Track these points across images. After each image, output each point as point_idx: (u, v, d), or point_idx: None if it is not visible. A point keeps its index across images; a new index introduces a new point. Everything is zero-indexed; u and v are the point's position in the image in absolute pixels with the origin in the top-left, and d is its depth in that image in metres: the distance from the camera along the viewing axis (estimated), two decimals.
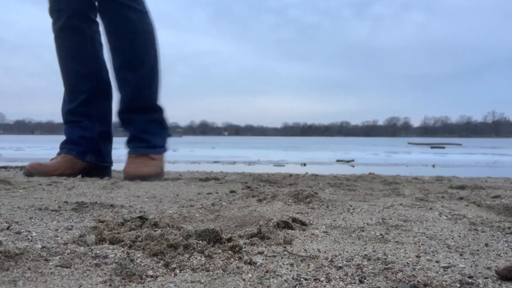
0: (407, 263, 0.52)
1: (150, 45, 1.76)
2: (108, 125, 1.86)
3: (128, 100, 1.76)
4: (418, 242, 0.63)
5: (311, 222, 0.77)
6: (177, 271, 0.48)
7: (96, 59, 1.79)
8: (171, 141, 1.94)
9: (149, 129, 1.78)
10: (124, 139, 1.83)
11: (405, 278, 0.46)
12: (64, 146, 1.76)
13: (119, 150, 2.01)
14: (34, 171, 1.63)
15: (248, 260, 0.52)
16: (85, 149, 1.75)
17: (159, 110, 1.82)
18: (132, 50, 1.72)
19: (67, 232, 0.65)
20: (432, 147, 12.42)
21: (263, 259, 0.53)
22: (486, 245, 0.62)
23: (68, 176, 1.63)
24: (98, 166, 1.80)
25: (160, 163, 1.76)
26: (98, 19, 1.80)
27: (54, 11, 1.73)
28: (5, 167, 2.16)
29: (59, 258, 0.49)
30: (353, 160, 5.42)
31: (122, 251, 0.52)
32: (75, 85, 1.77)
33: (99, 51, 1.81)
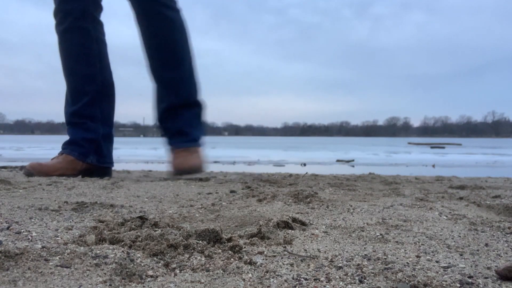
0: (407, 263, 0.52)
1: (186, 42, 1.79)
2: (110, 126, 1.87)
3: (172, 98, 1.79)
4: (418, 242, 0.63)
5: (311, 222, 0.77)
6: (177, 271, 0.48)
7: (101, 61, 1.80)
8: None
9: (192, 123, 1.82)
10: (159, 137, 1.87)
11: (405, 278, 0.46)
12: (66, 147, 1.77)
13: (119, 150, 2.02)
14: (34, 171, 1.63)
15: (248, 260, 0.52)
16: (87, 151, 1.76)
17: (198, 105, 1.85)
18: (172, 48, 1.75)
19: (67, 232, 0.65)
20: (432, 147, 12.42)
21: (263, 259, 0.53)
22: (486, 245, 0.62)
23: (68, 177, 1.63)
24: (99, 167, 1.80)
25: (202, 156, 1.81)
26: (102, 19, 1.81)
27: (60, 11, 1.73)
28: (5, 167, 2.16)
29: (59, 258, 0.49)
30: (353, 160, 5.42)
31: (122, 251, 0.52)
32: (79, 86, 1.77)
33: (104, 52, 1.82)
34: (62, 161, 1.71)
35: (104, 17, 1.85)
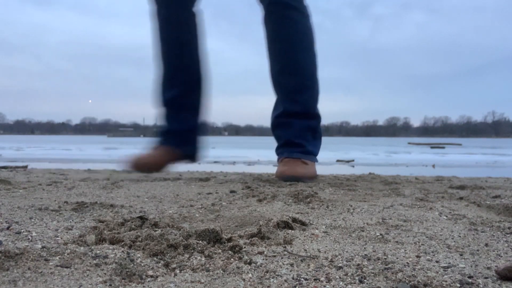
0: (407, 263, 0.52)
1: (309, 50, 1.72)
2: (200, 116, 1.93)
3: (287, 105, 1.74)
4: (418, 242, 0.63)
5: (311, 222, 0.77)
6: (177, 271, 0.48)
7: (197, 53, 1.86)
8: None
9: (304, 135, 1.74)
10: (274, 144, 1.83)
11: (405, 278, 0.46)
12: (165, 137, 1.86)
13: (119, 151, 2.03)
14: (140, 168, 1.73)
15: (248, 260, 0.52)
16: (181, 141, 1.85)
17: (316, 118, 1.78)
18: (292, 54, 1.69)
19: (67, 232, 0.65)
20: (432, 147, 12.41)
21: (263, 259, 0.53)
22: (486, 245, 0.62)
23: (166, 169, 1.81)
24: (190, 155, 1.90)
25: (313, 168, 1.71)
26: (200, 10, 1.85)
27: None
28: (5, 167, 2.16)
29: (59, 258, 0.49)
30: (353, 160, 5.42)
31: (122, 251, 0.52)
32: (174, 75, 1.84)
33: (201, 44, 1.87)
34: (162, 153, 1.81)
35: (104, 18, 1.87)
